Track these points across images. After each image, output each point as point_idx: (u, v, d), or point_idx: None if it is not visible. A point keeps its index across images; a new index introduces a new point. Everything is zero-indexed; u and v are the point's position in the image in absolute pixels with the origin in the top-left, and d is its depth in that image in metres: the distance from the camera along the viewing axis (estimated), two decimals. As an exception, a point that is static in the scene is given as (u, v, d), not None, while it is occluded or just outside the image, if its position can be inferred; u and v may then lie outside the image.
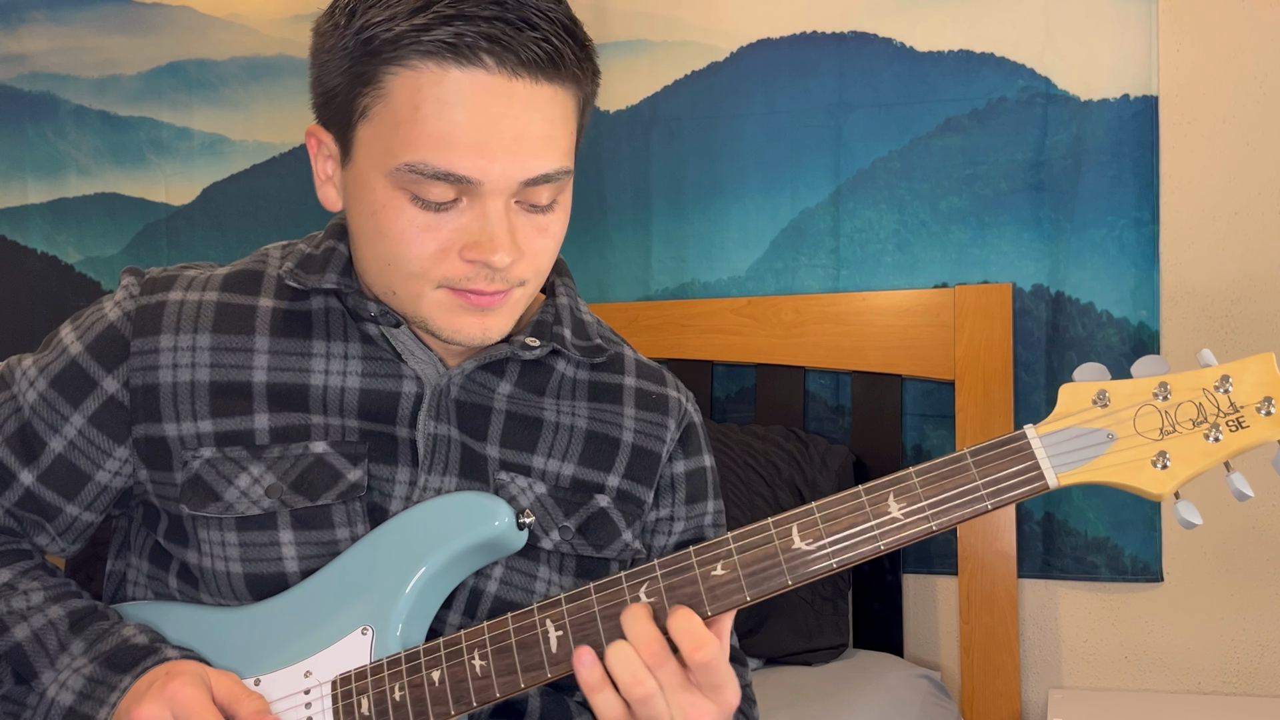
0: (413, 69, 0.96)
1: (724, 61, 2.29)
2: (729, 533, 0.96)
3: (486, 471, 1.11)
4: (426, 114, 0.96)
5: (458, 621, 1.09)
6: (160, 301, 1.10)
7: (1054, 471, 0.91)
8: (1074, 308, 2.10)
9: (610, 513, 1.15)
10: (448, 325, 1.03)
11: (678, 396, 1.22)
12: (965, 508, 0.92)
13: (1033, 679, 2.15)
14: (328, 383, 1.09)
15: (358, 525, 1.07)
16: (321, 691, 1.03)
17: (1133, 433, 0.91)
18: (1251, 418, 0.89)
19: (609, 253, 2.34)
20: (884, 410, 2.15)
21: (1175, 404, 0.90)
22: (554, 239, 1.05)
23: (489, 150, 0.96)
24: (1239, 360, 0.90)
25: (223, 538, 1.07)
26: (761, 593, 0.94)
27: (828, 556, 0.93)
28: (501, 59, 0.95)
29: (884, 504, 0.93)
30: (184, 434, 1.07)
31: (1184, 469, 0.89)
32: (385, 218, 1.00)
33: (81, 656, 1.03)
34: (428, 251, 1.00)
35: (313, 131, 1.07)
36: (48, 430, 1.09)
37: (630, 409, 1.18)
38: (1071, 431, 0.92)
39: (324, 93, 1.03)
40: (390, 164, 0.98)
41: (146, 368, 1.08)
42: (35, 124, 2.74)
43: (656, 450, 1.18)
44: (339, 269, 1.09)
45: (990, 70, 2.14)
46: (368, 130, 1.00)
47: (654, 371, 1.22)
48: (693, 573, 0.95)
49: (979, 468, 0.92)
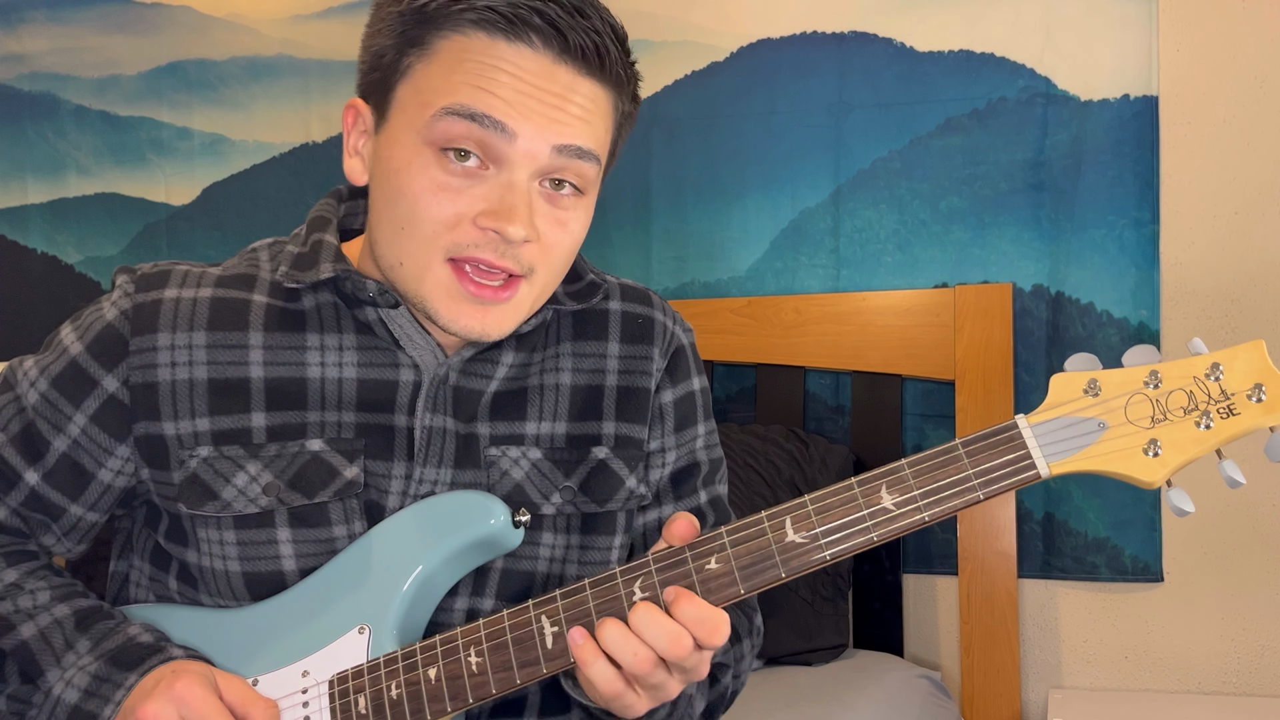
0: (464, 35, 0.99)
1: (724, 61, 2.29)
2: (723, 527, 0.96)
3: (479, 453, 1.10)
4: (470, 69, 0.98)
5: (465, 605, 1.09)
6: (156, 299, 1.10)
7: (1046, 461, 0.91)
8: (1074, 307, 2.10)
9: (610, 463, 1.15)
10: (447, 312, 1.03)
11: (664, 320, 1.20)
12: (957, 498, 0.92)
13: (1033, 679, 2.15)
14: (324, 375, 1.09)
15: (354, 522, 1.07)
16: (319, 690, 1.03)
17: (1124, 421, 0.91)
18: (1242, 405, 0.89)
19: (609, 253, 2.34)
20: (884, 410, 2.14)
21: (1166, 392, 0.91)
22: (572, 237, 1.05)
23: (526, 109, 0.98)
24: (1229, 348, 0.90)
25: (221, 536, 1.07)
26: (755, 585, 0.94)
27: (821, 549, 0.94)
28: (549, 39, 0.98)
29: (877, 495, 0.93)
30: (181, 433, 1.07)
31: (1175, 457, 0.90)
32: (408, 175, 1.01)
33: (87, 655, 1.03)
34: (444, 214, 1.00)
35: (352, 104, 1.08)
36: (51, 430, 1.10)
37: (615, 344, 1.17)
38: (1063, 421, 0.92)
39: (372, 56, 1.05)
40: (425, 114, 0.99)
41: (145, 366, 1.08)
42: (35, 124, 2.75)
43: (644, 385, 1.17)
44: (331, 258, 1.09)
45: (990, 70, 2.14)
46: (407, 88, 1.02)
47: (639, 293, 1.21)
48: (686, 566, 0.95)
49: (971, 458, 0.92)
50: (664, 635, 0.92)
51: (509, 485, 1.10)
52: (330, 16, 2.52)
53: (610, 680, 0.94)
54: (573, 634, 0.95)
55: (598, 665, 0.94)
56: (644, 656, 0.93)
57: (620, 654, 0.93)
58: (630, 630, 0.93)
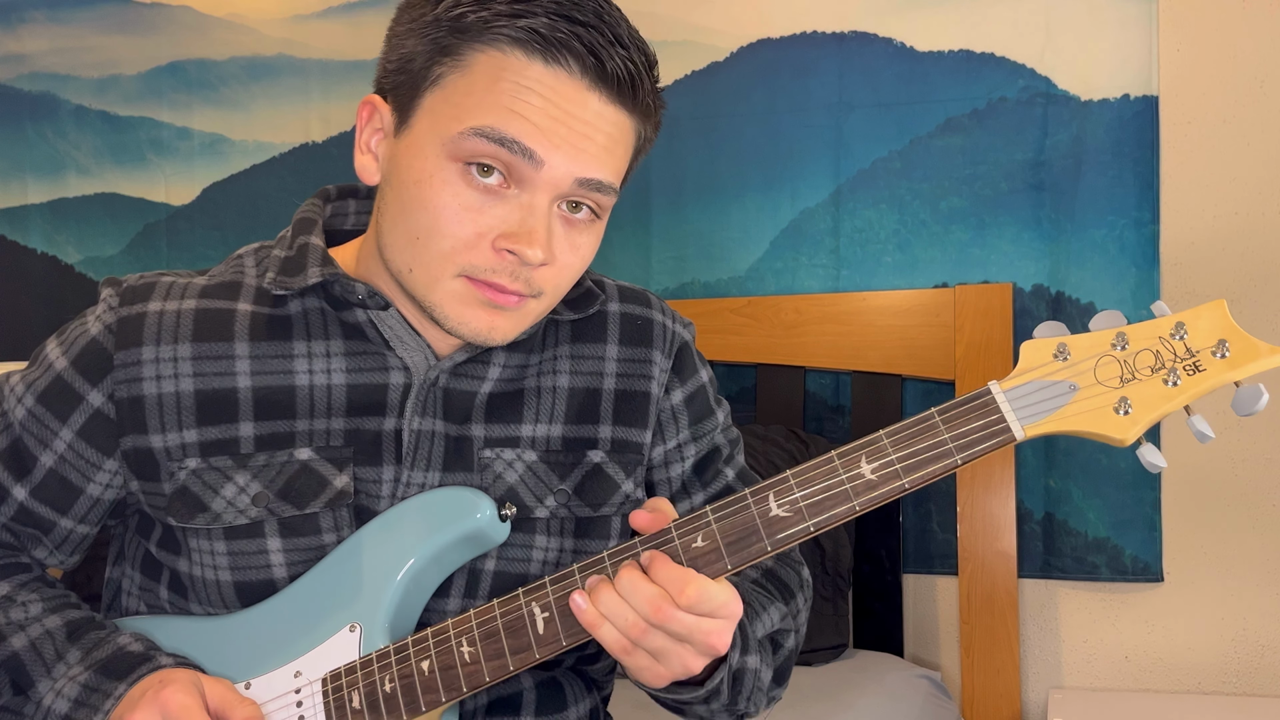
0: (500, 51, 0.98)
1: (724, 61, 2.29)
2: (707, 506, 0.98)
3: (471, 456, 1.10)
4: (504, 89, 0.97)
5: (458, 607, 1.09)
6: (140, 313, 1.10)
7: (1020, 424, 0.93)
8: (1074, 308, 2.09)
9: (605, 468, 1.14)
10: (456, 315, 1.02)
11: (663, 320, 1.20)
12: (935, 462, 0.94)
13: (1033, 679, 2.15)
14: (313, 382, 1.08)
15: (344, 530, 1.07)
16: (312, 690, 1.03)
17: (1094, 382, 0.93)
18: (1207, 361, 0.91)
19: (609, 253, 2.34)
20: (884, 410, 2.14)
21: (1133, 353, 0.93)
22: (581, 260, 1.05)
23: (557, 138, 0.98)
24: (1192, 308, 0.93)
25: (211, 546, 1.07)
26: (742, 560, 0.96)
27: (804, 518, 0.95)
28: (586, 65, 0.97)
29: (856, 465, 0.95)
30: (169, 445, 1.07)
31: (1145, 414, 0.92)
32: (430, 189, 0.99)
33: (77, 665, 1.04)
34: (464, 233, 0.99)
35: (369, 100, 1.07)
36: (38, 445, 1.10)
37: (613, 346, 1.17)
38: (1034, 385, 0.94)
39: (398, 59, 1.03)
40: (454, 129, 0.98)
41: (130, 380, 1.07)
42: (35, 124, 2.75)
43: (644, 389, 1.16)
44: (318, 261, 1.09)
45: (990, 70, 2.14)
46: (436, 96, 1.00)
47: (637, 294, 1.21)
48: (673, 545, 0.97)
49: (947, 425, 0.94)
50: (643, 599, 0.94)
51: (503, 488, 1.10)
52: (330, 16, 2.52)
53: (617, 640, 0.96)
54: (574, 599, 0.97)
55: (604, 628, 0.96)
56: (633, 621, 0.94)
57: (615, 618, 0.95)
58: (619, 594, 0.95)
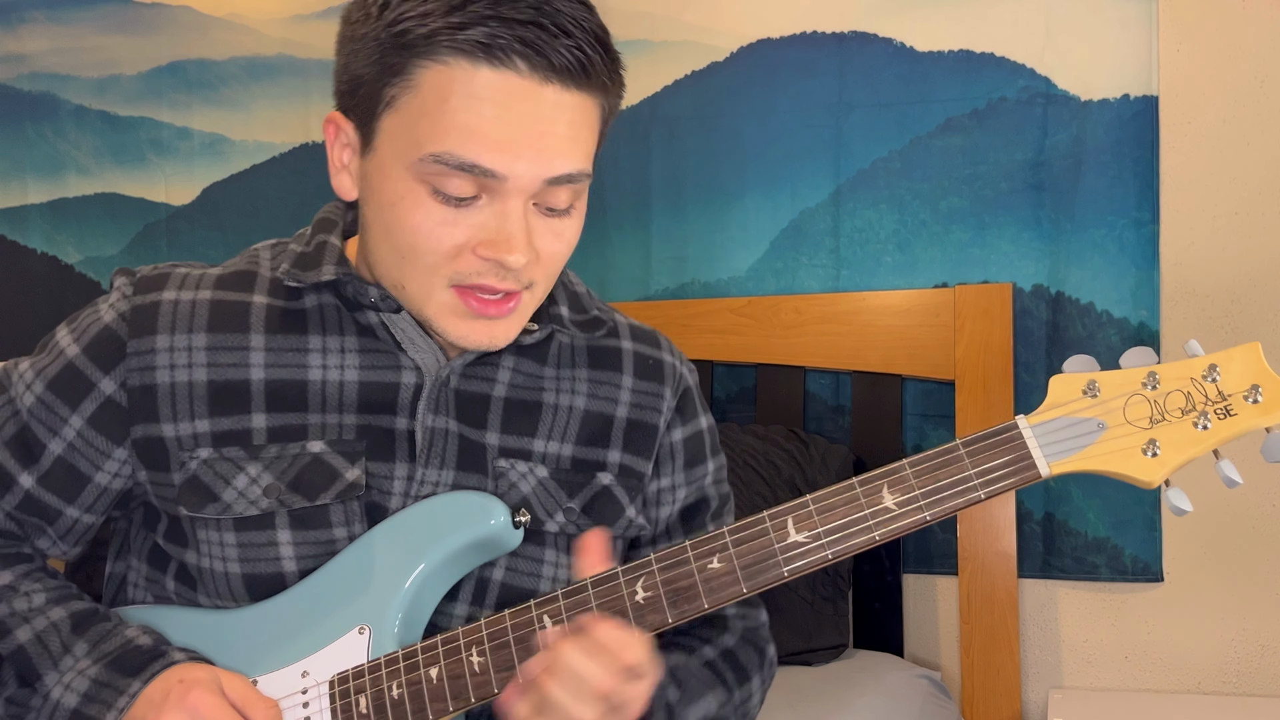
0: (444, 64, 0.96)
1: (724, 61, 2.29)
2: (724, 527, 0.97)
3: (485, 461, 1.10)
4: (455, 106, 0.96)
5: (465, 613, 1.09)
6: (155, 301, 1.10)
7: (1046, 461, 0.92)
8: (1074, 307, 2.09)
9: (613, 490, 1.15)
10: (454, 331, 1.04)
11: (672, 361, 1.22)
12: (958, 497, 0.93)
13: (1033, 679, 2.15)
14: (326, 377, 1.09)
15: (355, 524, 1.07)
16: (319, 691, 1.03)
17: (1123, 421, 0.92)
18: (1239, 406, 0.90)
19: (609, 252, 2.34)
20: (884, 410, 2.14)
21: (1164, 393, 0.92)
22: (568, 245, 1.06)
23: (515, 147, 0.97)
24: (1226, 350, 0.92)
25: (221, 538, 1.07)
26: (757, 585, 0.95)
27: (823, 548, 0.94)
28: (534, 63, 0.96)
29: (878, 495, 0.94)
30: (181, 435, 1.07)
31: (1174, 456, 0.91)
32: (404, 210, 1.00)
33: (85, 658, 1.03)
34: (444, 246, 1.00)
35: (332, 119, 1.06)
36: (46, 433, 1.09)
37: (629, 377, 1.18)
38: (1062, 421, 0.93)
39: (349, 80, 1.03)
40: (414, 154, 0.98)
41: (143, 368, 1.08)
42: (35, 124, 2.74)
43: (653, 422, 1.18)
44: (334, 260, 1.09)
45: (990, 70, 2.14)
46: (393, 120, 0.99)
47: (648, 335, 1.23)
48: (689, 566, 0.96)
49: (971, 458, 0.93)
50: None
51: (517, 497, 1.11)
52: (330, 16, 2.51)
53: None
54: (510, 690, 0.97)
55: None
56: None
57: None
58: None
